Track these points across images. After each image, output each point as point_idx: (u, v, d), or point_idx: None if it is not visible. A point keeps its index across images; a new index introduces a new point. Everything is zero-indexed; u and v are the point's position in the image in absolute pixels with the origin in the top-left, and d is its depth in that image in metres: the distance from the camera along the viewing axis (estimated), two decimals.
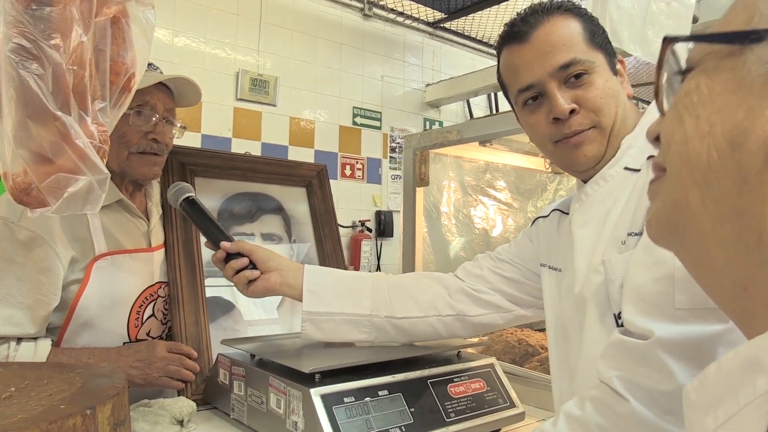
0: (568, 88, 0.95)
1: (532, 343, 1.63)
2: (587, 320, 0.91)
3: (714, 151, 0.39)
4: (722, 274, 0.41)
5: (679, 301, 0.72)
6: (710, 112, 0.40)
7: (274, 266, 1.19)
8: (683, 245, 0.45)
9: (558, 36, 0.95)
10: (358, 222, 3.65)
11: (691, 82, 0.43)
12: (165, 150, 1.36)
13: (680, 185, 0.42)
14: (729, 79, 0.40)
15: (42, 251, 1.19)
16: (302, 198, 1.73)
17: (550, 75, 0.95)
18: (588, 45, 0.96)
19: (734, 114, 0.39)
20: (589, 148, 0.96)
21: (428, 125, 4.13)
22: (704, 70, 0.42)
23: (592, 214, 0.96)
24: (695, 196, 0.41)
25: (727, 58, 0.40)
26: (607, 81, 0.95)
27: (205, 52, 3.10)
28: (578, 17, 0.97)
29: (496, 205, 2.33)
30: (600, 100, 0.94)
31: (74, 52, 0.65)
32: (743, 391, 0.34)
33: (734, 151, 0.38)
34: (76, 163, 0.66)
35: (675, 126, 0.43)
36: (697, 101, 0.42)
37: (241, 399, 1.17)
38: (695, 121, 0.41)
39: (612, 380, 0.76)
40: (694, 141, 0.41)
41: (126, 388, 0.96)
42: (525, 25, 0.98)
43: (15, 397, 0.91)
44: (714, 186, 0.40)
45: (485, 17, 3.85)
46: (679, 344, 0.71)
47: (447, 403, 1.10)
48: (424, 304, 1.18)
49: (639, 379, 0.74)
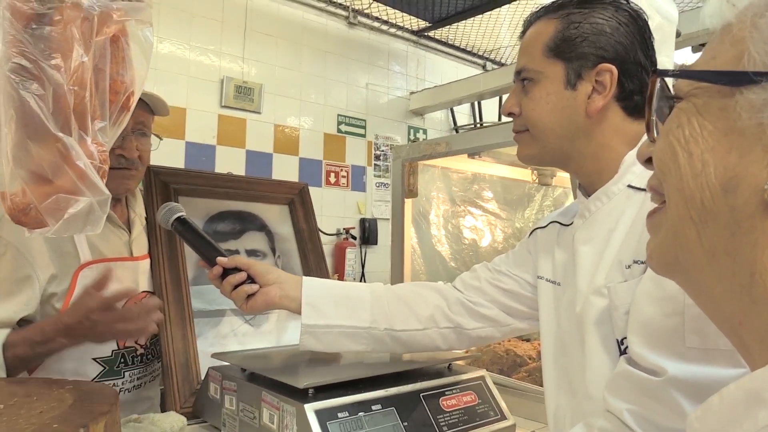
0: (521, 91, 1.01)
1: (520, 354, 1.64)
2: (588, 342, 0.91)
3: (707, 191, 0.40)
4: (721, 307, 0.43)
5: (690, 339, 0.72)
6: (702, 150, 0.41)
7: (272, 279, 1.17)
8: (685, 277, 0.46)
9: (526, 41, 1.02)
10: (342, 230, 3.65)
11: (682, 115, 0.43)
12: (137, 163, 1.34)
13: (679, 219, 0.43)
14: (720, 118, 0.40)
15: (17, 263, 1.19)
16: (285, 215, 1.75)
17: (515, 75, 1.03)
18: (544, 54, 0.97)
19: (726, 157, 0.39)
20: (521, 148, 1.05)
21: (412, 133, 4.15)
22: (695, 105, 0.43)
23: (595, 231, 0.96)
24: (692, 232, 0.42)
25: (717, 97, 0.41)
26: (549, 94, 0.97)
27: (190, 59, 3.08)
28: (560, 22, 0.97)
29: (485, 216, 2.35)
30: (531, 112, 0.99)
31: (75, 72, 0.64)
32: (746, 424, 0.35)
33: (727, 195, 0.39)
34: (76, 183, 0.66)
35: (668, 157, 0.44)
36: (689, 136, 0.42)
37: (232, 414, 1.16)
38: (688, 158, 0.42)
39: (622, 413, 0.76)
40: (689, 179, 0.42)
41: (117, 405, 0.95)
42: (525, 24, 1.05)
43: (4, 415, 0.90)
44: (709, 225, 0.41)
45: (469, 26, 3.89)
46: (692, 384, 0.71)
47: (439, 416, 1.11)
48: (424, 317, 1.18)
49: (651, 415, 0.74)
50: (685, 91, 0.44)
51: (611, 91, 0.94)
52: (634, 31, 0.96)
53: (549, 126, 0.98)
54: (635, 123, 0.97)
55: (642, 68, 0.96)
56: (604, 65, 0.94)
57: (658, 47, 1.23)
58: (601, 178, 0.98)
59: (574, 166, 1.02)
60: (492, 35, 4.03)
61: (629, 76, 0.95)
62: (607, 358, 0.88)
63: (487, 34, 4.02)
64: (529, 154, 1.05)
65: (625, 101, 0.96)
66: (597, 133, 0.97)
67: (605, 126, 0.97)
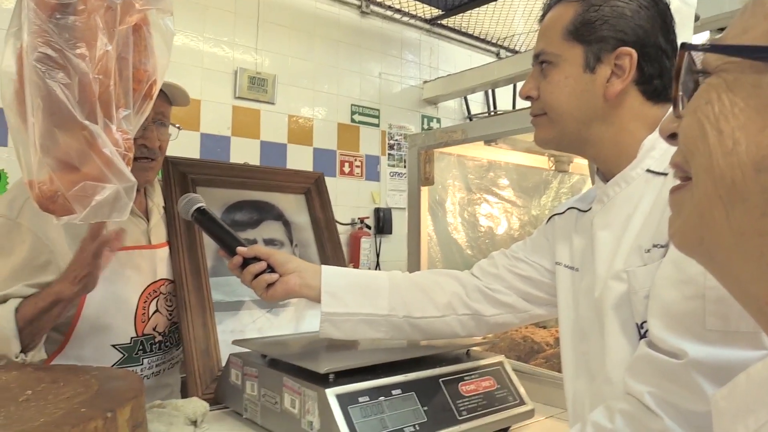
0: (540, 75, 1.01)
1: (537, 340, 1.64)
2: (607, 327, 0.91)
3: (738, 170, 0.39)
4: (747, 288, 0.42)
5: (711, 322, 0.72)
6: (733, 128, 0.40)
7: (292, 268, 1.19)
8: (710, 258, 0.45)
9: (546, 24, 1.01)
10: (357, 219, 3.66)
11: (711, 91, 0.42)
12: (157, 153, 1.36)
13: (706, 199, 0.42)
14: (752, 95, 0.39)
15: (37, 249, 1.21)
16: (301, 204, 1.76)
17: (533, 59, 1.03)
18: (564, 37, 0.97)
19: (759, 135, 0.38)
20: (538, 132, 1.05)
21: (426, 122, 4.14)
22: (725, 80, 0.41)
23: (613, 216, 0.96)
24: (720, 212, 0.41)
25: (749, 72, 0.40)
26: (567, 77, 0.96)
27: (203, 51, 3.09)
28: (580, 5, 0.97)
29: (501, 203, 2.34)
30: (549, 95, 0.99)
31: (99, 61, 0.65)
32: None
33: (759, 174, 0.38)
34: (103, 170, 0.67)
35: (696, 134, 0.43)
36: (719, 113, 0.41)
37: (254, 399, 1.18)
38: (718, 136, 0.41)
39: (643, 396, 0.76)
40: (718, 157, 0.40)
41: (143, 390, 0.97)
42: (545, 8, 1.04)
43: (32, 400, 0.91)
44: (738, 205, 0.40)
45: (482, 14, 3.87)
46: (713, 366, 0.71)
47: (459, 401, 1.11)
48: (441, 304, 1.18)
49: (671, 398, 0.74)
50: (714, 66, 0.42)
51: (630, 75, 0.94)
52: (654, 15, 0.95)
53: (567, 110, 0.97)
54: (655, 107, 0.96)
55: (663, 52, 0.95)
56: (624, 49, 0.93)
57: (676, 31, 1.21)
58: (619, 162, 0.97)
59: (592, 150, 1.02)
60: (506, 22, 4.00)
61: (649, 59, 0.94)
62: (626, 343, 0.88)
63: (501, 22, 3.99)
64: (546, 138, 1.04)
65: (644, 85, 0.95)
66: (615, 117, 0.96)
67: (624, 110, 0.96)
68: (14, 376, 1.04)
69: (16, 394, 0.94)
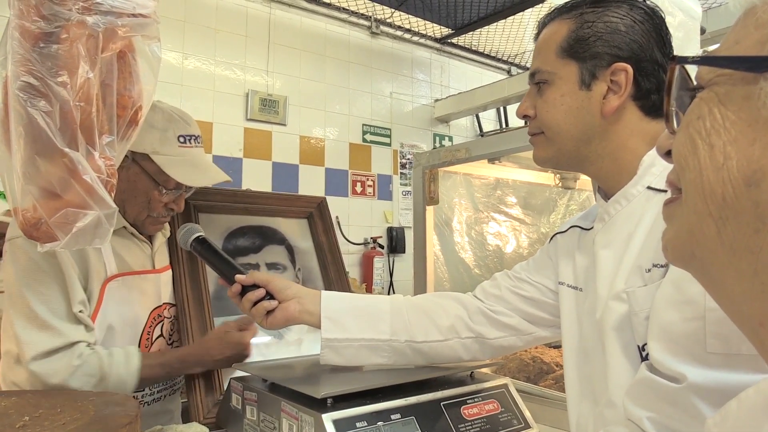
0: (536, 93, 1.00)
1: (547, 361, 1.61)
2: (609, 349, 0.89)
3: (729, 186, 0.38)
4: (740, 306, 0.40)
5: (711, 345, 0.70)
6: (724, 142, 0.39)
7: (291, 294, 1.17)
8: (703, 273, 0.44)
9: (540, 43, 1.01)
10: (369, 239, 3.65)
11: (703, 105, 0.41)
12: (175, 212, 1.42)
13: (696, 215, 0.41)
14: (743, 108, 0.38)
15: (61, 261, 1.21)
16: (304, 229, 1.76)
17: (529, 78, 1.02)
18: (558, 55, 0.96)
19: (749, 149, 0.37)
20: (536, 151, 1.04)
21: (438, 140, 4.14)
22: (716, 94, 0.40)
23: (614, 235, 0.94)
24: (711, 228, 0.40)
25: (740, 84, 0.38)
26: (563, 95, 0.95)
27: (215, 74, 3.13)
28: (574, 22, 0.96)
29: (509, 222, 2.32)
30: (546, 114, 0.98)
31: (81, 88, 0.66)
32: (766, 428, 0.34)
33: (750, 189, 0.37)
34: (84, 198, 0.67)
35: (688, 150, 0.42)
36: (711, 128, 0.40)
37: (253, 424, 1.17)
38: (709, 150, 0.40)
39: (642, 421, 0.74)
40: (709, 172, 0.39)
41: (139, 416, 0.96)
42: (539, 26, 1.04)
43: (29, 427, 0.91)
44: (730, 221, 0.38)
45: (492, 32, 3.87)
46: (713, 390, 0.69)
47: (461, 425, 1.09)
48: (444, 327, 1.16)
49: (671, 422, 0.72)
50: (707, 79, 0.41)
51: (627, 91, 0.92)
52: (649, 29, 0.94)
53: (564, 128, 0.96)
54: (653, 122, 0.95)
55: (659, 66, 0.94)
56: (619, 64, 0.92)
57: (682, 45, 1.19)
58: (619, 180, 0.95)
59: (592, 168, 1.00)
60: (516, 39, 4.00)
61: (646, 74, 0.93)
62: (628, 365, 0.86)
63: (511, 39, 3.99)
64: (544, 157, 1.03)
65: (642, 100, 0.94)
66: (614, 134, 0.95)
67: (622, 126, 0.94)
68: (13, 402, 1.04)
69: (14, 420, 0.94)
